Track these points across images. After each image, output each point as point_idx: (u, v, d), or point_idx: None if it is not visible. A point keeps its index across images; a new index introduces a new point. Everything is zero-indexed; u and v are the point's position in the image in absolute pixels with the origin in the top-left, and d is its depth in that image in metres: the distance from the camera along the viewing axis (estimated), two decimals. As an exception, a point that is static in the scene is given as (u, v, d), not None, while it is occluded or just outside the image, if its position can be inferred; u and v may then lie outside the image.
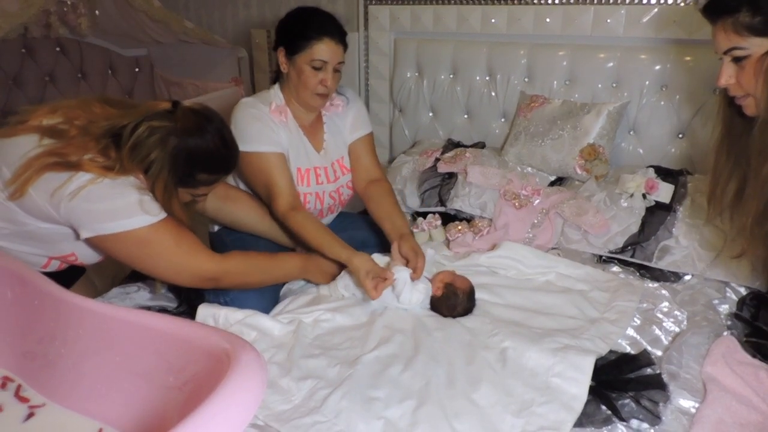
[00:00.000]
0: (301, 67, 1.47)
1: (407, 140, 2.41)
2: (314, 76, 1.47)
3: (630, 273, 1.57)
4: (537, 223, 1.74)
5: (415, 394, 1.09)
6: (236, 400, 0.72)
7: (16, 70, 2.67)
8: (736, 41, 1.07)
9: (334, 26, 1.48)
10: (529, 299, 1.44)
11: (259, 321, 1.30)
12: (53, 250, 1.25)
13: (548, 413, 1.04)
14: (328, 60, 1.46)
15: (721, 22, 1.08)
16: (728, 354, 1.18)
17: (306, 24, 1.46)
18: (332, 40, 1.46)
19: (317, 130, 1.62)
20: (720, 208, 1.29)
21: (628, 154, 1.97)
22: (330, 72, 1.47)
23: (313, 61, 1.45)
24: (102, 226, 1.12)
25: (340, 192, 1.64)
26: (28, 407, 1.02)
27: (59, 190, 1.09)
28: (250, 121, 1.47)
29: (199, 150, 1.20)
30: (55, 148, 1.12)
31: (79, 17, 2.51)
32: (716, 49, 1.12)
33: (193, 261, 1.21)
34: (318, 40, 1.44)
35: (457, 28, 2.18)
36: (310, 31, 1.45)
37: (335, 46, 1.46)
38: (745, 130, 1.17)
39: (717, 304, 1.41)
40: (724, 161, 1.24)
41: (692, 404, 1.07)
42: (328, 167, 1.60)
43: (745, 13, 1.03)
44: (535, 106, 2.01)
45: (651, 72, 1.87)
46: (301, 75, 1.47)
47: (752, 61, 1.07)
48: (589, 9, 1.93)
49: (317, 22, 1.46)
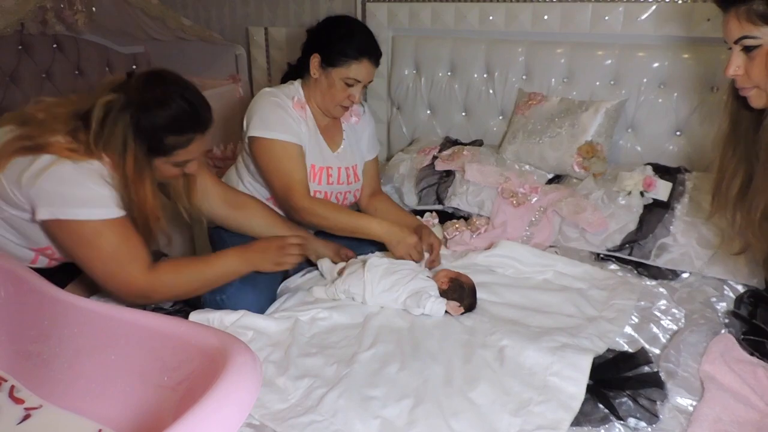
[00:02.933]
0: (333, 80, 1.49)
1: (405, 138, 2.41)
2: (344, 91, 1.50)
3: (628, 271, 1.57)
4: (535, 221, 1.74)
5: (412, 392, 1.08)
6: (231, 400, 0.72)
7: (12, 66, 2.65)
8: (748, 29, 1.04)
9: (374, 48, 1.50)
10: (526, 298, 1.44)
11: (253, 321, 1.30)
12: (31, 242, 1.24)
13: (546, 412, 1.04)
14: (362, 80, 1.49)
15: (734, 10, 1.06)
16: (726, 352, 1.18)
17: (349, 42, 1.47)
18: (370, 62, 1.49)
19: (335, 132, 1.64)
20: (725, 204, 1.27)
21: (626, 152, 1.97)
22: (360, 89, 1.51)
23: (347, 78, 1.48)
24: (56, 210, 1.10)
25: (347, 197, 1.66)
26: (23, 409, 1.01)
27: (24, 173, 1.09)
28: (273, 108, 1.48)
29: (160, 115, 1.16)
30: (23, 133, 1.13)
31: (76, 14, 2.50)
32: (727, 38, 1.10)
33: (123, 270, 1.16)
34: (357, 61, 1.47)
35: (456, 25, 2.17)
36: (352, 50, 1.47)
37: (371, 68, 1.50)
38: (751, 124, 1.16)
39: (715, 302, 1.41)
40: (730, 156, 1.22)
41: (690, 402, 1.07)
42: (342, 169, 1.62)
43: (759, 2, 1.02)
44: (533, 103, 2.00)
45: (649, 69, 1.87)
46: (332, 87, 1.50)
47: (763, 52, 1.05)
48: (587, 6, 1.93)
49: (360, 42, 1.48)
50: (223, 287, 1.41)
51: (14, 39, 2.59)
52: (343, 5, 2.49)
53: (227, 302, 1.39)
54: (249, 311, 1.34)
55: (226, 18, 2.88)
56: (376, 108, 2.48)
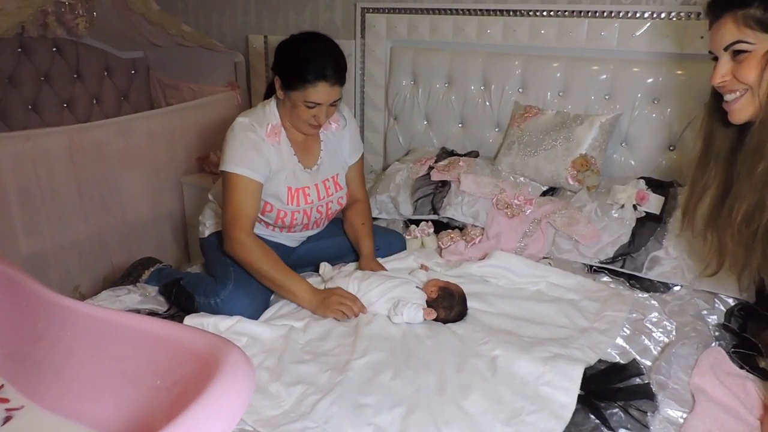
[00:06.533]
0: (295, 102, 1.47)
1: (401, 148, 2.42)
2: (307, 112, 1.47)
3: (620, 283, 1.58)
4: (529, 232, 1.75)
5: (405, 400, 1.09)
6: (223, 403, 0.72)
7: (11, 69, 2.65)
8: (744, 34, 1.04)
9: (332, 69, 1.44)
10: (519, 308, 1.45)
11: (248, 327, 1.30)
12: None
13: (537, 422, 1.04)
14: (322, 102, 1.46)
15: (730, 14, 1.06)
16: (716, 365, 1.19)
17: (303, 65, 1.43)
18: (327, 84, 1.43)
19: (312, 146, 1.62)
20: (693, 221, 1.30)
21: (619, 166, 1.99)
22: (324, 109, 1.47)
23: (307, 101, 1.45)
24: None
25: (329, 207, 1.64)
26: (5, 410, 1.00)
27: None
28: (240, 144, 1.46)
29: None
30: None
31: (77, 18, 2.51)
32: (717, 44, 1.10)
33: None
34: (313, 84, 1.42)
35: (453, 37, 2.20)
36: (306, 74, 1.42)
37: (330, 89, 1.45)
38: (725, 143, 1.18)
39: (706, 315, 1.42)
40: (701, 174, 1.24)
41: (680, 414, 1.07)
42: (319, 184, 1.60)
43: (757, 7, 1.02)
44: (528, 116, 2.02)
45: (643, 85, 1.89)
46: (296, 109, 1.48)
47: (753, 56, 1.05)
48: (583, 22, 1.96)
49: (315, 65, 1.42)
50: (217, 291, 1.42)
51: (14, 42, 2.60)
52: (342, 16, 2.52)
53: (221, 306, 1.39)
54: (243, 317, 1.35)
55: (226, 25, 2.89)
56: (373, 118, 2.50)
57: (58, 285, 2.17)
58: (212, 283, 1.47)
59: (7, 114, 2.66)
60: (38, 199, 2.08)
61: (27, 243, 2.08)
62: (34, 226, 2.09)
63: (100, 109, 3.00)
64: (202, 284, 1.48)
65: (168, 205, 2.61)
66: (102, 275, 2.36)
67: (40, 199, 2.08)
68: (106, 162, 2.29)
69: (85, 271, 2.29)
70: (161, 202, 2.57)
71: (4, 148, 1.97)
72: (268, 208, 1.54)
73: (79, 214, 2.22)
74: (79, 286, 2.27)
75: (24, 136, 2.05)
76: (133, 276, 1.66)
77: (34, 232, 2.10)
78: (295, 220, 1.58)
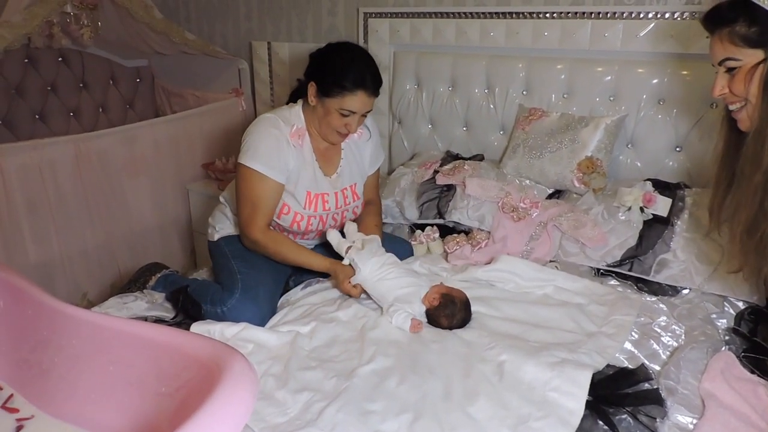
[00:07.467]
0: (329, 110, 1.48)
1: (406, 152, 2.42)
2: (340, 120, 1.48)
3: (628, 286, 1.56)
4: (535, 235, 1.74)
5: (411, 407, 1.08)
6: (226, 411, 0.72)
7: (18, 79, 2.68)
8: (731, 51, 1.09)
9: (371, 79, 1.46)
10: (526, 312, 1.44)
11: (254, 334, 1.30)
12: None
13: (545, 428, 1.03)
14: (357, 111, 1.47)
15: (718, 33, 1.10)
16: (726, 370, 1.17)
17: (343, 74, 1.44)
18: (365, 93, 1.46)
19: (333, 155, 1.63)
20: (719, 222, 1.29)
21: (625, 168, 1.97)
22: (356, 118, 1.49)
23: (342, 109, 1.46)
24: None
25: (344, 215, 1.65)
26: (15, 420, 1.01)
27: None
28: (265, 139, 1.48)
29: None
30: None
31: (82, 28, 2.53)
32: (713, 59, 1.15)
33: None
34: (351, 92, 1.44)
35: (456, 41, 2.20)
36: (346, 82, 1.44)
37: (367, 99, 1.47)
38: (740, 145, 1.18)
39: (715, 319, 1.40)
40: (724, 175, 1.25)
41: (690, 420, 1.06)
42: (339, 192, 1.61)
43: (741, 24, 1.06)
44: (533, 119, 2.02)
45: (648, 86, 1.88)
46: (328, 116, 1.49)
47: (742, 71, 1.09)
48: (587, 23, 1.95)
49: (355, 74, 1.44)
50: (224, 299, 1.42)
51: (20, 53, 2.63)
52: (345, 21, 2.52)
53: (228, 314, 1.39)
54: (250, 324, 1.34)
55: (230, 32, 2.91)
56: (378, 122, 2.48)
57: (66, 292, 2.19)
58: (219, 291, 1.47)
59: (14, 124, 2.69)
60: (46, 207, 2.10)
61: (35, 251, 2.10)
62: (42, 234, 2.11)
63: (106, 117, 3.02)
64: (209, 292, 1.49)
65: (174, 211, 2.62)
66: (110, 282, 2.38)
67: (47, 207, 2.10)
68: (112, 170, 2.31)
69: (93, 278, 2.31)
70: (167, 209, 2.59)
71: (12, 157, 2.00)
72: (285, 210, 1.54)
73: (86, 221, 2.24)
74: (87, 293, 2.29)
75: (31, 146, 2.07)
76: (139, 282, 1.66)
77: (42, 241, 2.11)
78: (311, 226, 1.59)
